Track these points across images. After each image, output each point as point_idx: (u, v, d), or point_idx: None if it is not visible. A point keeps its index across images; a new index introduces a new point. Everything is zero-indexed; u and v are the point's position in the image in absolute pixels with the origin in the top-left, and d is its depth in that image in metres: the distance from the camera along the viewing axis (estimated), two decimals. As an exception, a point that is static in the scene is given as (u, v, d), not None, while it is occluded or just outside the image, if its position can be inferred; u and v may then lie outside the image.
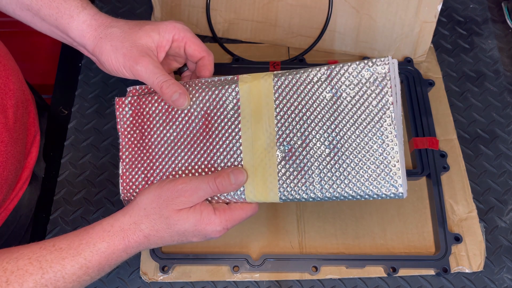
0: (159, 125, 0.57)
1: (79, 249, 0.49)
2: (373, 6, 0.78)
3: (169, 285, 0.66)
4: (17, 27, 0.62)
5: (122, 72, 0.55)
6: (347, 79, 0.50)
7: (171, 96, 0.53)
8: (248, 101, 0.53)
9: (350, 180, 0.50)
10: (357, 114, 0.50)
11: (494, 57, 0.84)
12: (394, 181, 0.49)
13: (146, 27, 0.55)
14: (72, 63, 0.84)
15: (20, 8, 0.58)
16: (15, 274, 0.46)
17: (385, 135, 0.49)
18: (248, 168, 0.53)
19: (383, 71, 0.49)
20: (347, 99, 0.50)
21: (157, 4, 0.84)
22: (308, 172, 0.51)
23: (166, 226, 0.51)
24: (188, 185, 0.51)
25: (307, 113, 0.52)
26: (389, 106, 0.49)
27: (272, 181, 0.52)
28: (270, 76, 0.53)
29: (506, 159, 0.75)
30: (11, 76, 0.64)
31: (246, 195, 0.53)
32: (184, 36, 0.56)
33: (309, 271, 0.65)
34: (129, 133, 0.58)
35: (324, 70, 0.51)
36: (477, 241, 0.68)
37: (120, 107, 0.58)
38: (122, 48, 0.54)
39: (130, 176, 0.58)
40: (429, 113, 0.74)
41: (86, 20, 0.56)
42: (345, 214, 0.70)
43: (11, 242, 0.70)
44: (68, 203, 0.72)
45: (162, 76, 0.53)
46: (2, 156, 0.60)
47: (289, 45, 0.84)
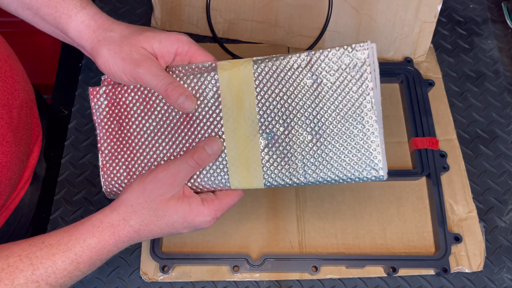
0: (137, 115, 0.55)
1: (69, 244, 0.49)
2: (373, 6, 0.78)
3: (169, 285, 0.66)
4: (18, 27, 0.62)
5: (121, 76, 0.53)
6: (327, 65, 0.50)
7: (177, 99, 0.51)
8: (228, 89, 0.52)
9: (333, 165, 0.51)
10: (338, 100, 0.50)
11: (494, 57, 0.84)
12: (375, 165, 0.50)
13: (146, 33, 0.53)
14: (72, 63, 0.84)
15: (21, 7, 0.57)
16: (6, 271, 0.46)
17: (366, 120, 0.50)
18: (232, 156, 0.53)
19: (362, 57, 0.49)
20: (328, 85, 0.50)
21: (157, 4, 0.84)
22: (291, 159, 0.52)
23: (156, 218, 0.51)
24: (168, 171, 0.51)
25: (288, 100, 0.51)
26: (369, 92, 0.49)
27: (256, 168, 0.52)
28: (250, 62, 0.52)
29: (506, 159, 0.75)
30: (17, 77, 0.64)
31: (231, 182, 0.53)
32: (188, 50, 0.54)
33: (309, 271, 0.65)
34: (106, 123, 0.57)
35: (304, 56, 0.51)
36: (477, 241, 0.68)
37: (95, 97, 0.56)
38: (120, 52, 0.52)
39: (110, 167, 0.57)
40: (429, 113, 0.74)
41: (85, 21, 0.54)
42: (345, 214, 0.70)
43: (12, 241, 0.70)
44: (68, 203, 0.72)
45: (166, 79, 0.51)
46: (7, 156, 0.60)
47: (289, 45, 0.84)
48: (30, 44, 1.16)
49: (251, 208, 0.70)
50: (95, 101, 0.57)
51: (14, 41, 0.79)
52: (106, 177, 0.57)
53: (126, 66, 0.52)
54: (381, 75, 0.77)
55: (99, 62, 0.54)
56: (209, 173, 0.54)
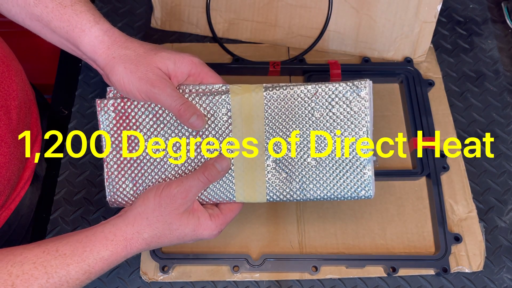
0: (146, 130, 0.57)
1: (83, 256, 0.50)
2: (373, 6, 0.78)
3: (169, 285, 0.66)
4: (18, 27, 0.61)
5: (135, 94, 0.55)
6: (330, 97, 0.56)
7: (189, 118, 0.54)
8: (239, 111, 0.57)
9: (331, 187, 0.57)
10: (337, 128, 0.56)
11: (494, 57, 0.84)
12: (365, 186, 0.57)
13: (162, 54, 0.55)
14: (72, 63, 0.84)
15: (29, 19, 0.57)
16: (21, 278, 0.47)
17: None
18: (239, 174, 0.57)
19: (362, 93, 0.56)
20: (329, 114, 0.56)
21: (157, 4, 0.84)
22: (294, 179, 0.57)
23: (169, 232, 0.54)
24: (181, 187, 0.54)
25: (293, 125, 0.57)
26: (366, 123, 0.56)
27: (261, 185, 0.58)
28: (261, 88, 0.57)
29: (506, 159, 0.75)
30: (15, 77, 0.64)
31: (237, 197, 0.58)
32: (201, 71, 0.57)
33: (309, 271, 0.65)
34: (112, 136, 0.58)
35: (310, 87, 0.56)
36: (477, 241, 0.68)
37: (102, 109, 0.58)
38: (137, 71, 0.53)
39: (116, 179, 0.58)
40: (429, 113, 0.74)
41: (99, 36, 0.55)
42: (345, 214, 0.70)
43: (12, 242, 0.70)
44: (68, 203, 0.72)
45: (179, 99, 0.54)
46: (6, 157, 0.60)
47: (289, 45, 0.84)
48: (30, 44, 1.16)
49: (251, 208, 0.70)
50: (102, 113, 0.58)
51: (14, 41, 0.79)
52: (111, 188, 0.58)
53: (142, 85, 0.54)
54: (381, 75, 0.79)
55: (113, 79, 0.55)
56: (217, 188, 0.57)
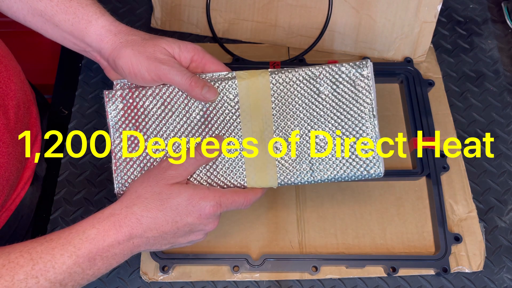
0: (154, 119, 0.57)
1: (69, 237, 0.48)
2: (373, 6, 0.78)
3: (169, 285, 0.66)
4: (18, 27, 0.61)
5: (143, 75, 0.55)
6: (334, 77, 0.57)
7: (201, 90, 0.55)
8: (246, 96, 0.57)
9: (341, 167, 0.57)
10: (345, 109, 0.57)
11: (494, 57, 0.84)
12: (374, 164, 0.57)
13: (167, 38, 0.57)
14: (72, 63, 0.84)
15: (31, 14, 0.57)
16: (6, 267, 0.46)
17: (366, 126, 0.57)
18: (249, 158, 0.57)
19: (364, 72, 0.56)
20: (334, 94, 0.57)
21: (157, 4, 0.84)
22: (303, 161, 0.57)
23: (159, 202, 0.51)
24: (173, 162, 0.53)
25: (299, 107, 0.57)
26: (371, 101, 0.57)
27: (272, 168, 0.57)
28: (267, 73, 0.57)
29: (506, 159, 0.75)
30: (13, 77, 0.64)
31: (248, 181, 0.57)
32: (203, 57, 0.57)
33: (309, 271, 0.65)
34: (120, 126, 0.58)
35: (314, 70, 0.57)
36: (477, 241, 0.68)
37: (110, 100, 0.58)
38: (145, 52, 0.55)
39: (124, 169, 0.57)
40: (429, 113, 0.74)
41: (105, 26, 0.57)
42: (345, 214, 0.70)
43: (13, 242, 0.70)
44: (68, 203, 0.72)
45: (189, 74, 0.55)
46: (4, 157, 0.60)
47: (289, 45, 0.84)
48: (30, 44, 1.16)
49: (251, 208, 0.69)
50: (110, 104, 0.58)
51: (14, 41, 0.79)
52: (119, 179, 0.58)
53: (150, 64, 0.54)
54: (381, 75, 0.79)
55: (121, 62, 0.55)
56: (228, 169, 0.57)
